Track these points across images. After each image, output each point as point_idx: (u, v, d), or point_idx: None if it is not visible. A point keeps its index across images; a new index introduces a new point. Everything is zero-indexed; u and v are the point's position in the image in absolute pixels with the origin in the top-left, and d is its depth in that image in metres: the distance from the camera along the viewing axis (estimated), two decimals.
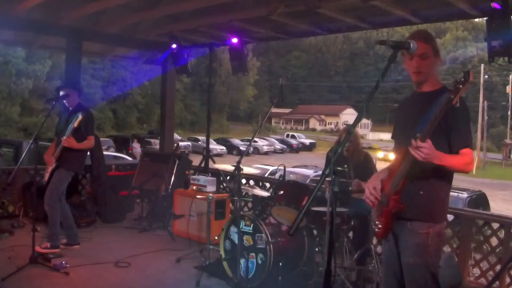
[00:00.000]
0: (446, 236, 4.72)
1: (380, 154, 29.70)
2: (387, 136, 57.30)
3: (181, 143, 21.06)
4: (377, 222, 2.66)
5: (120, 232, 6.19)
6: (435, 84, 2.58)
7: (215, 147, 33.14)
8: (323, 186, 2.98)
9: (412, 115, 2.54)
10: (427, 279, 2.49)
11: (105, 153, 8.28)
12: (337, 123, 61.23)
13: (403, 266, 2.56)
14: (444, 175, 2.50)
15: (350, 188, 4.11)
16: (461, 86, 2.16)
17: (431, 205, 2.50)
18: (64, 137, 4.79)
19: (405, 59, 2.57)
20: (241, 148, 34.40)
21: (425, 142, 2.23)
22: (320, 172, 14.75)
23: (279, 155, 37.47)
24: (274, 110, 5.21)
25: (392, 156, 2.97)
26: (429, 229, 2.48)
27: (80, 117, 4.72)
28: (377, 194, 2.59)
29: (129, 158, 17.41)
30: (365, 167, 4.53)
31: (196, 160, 7.77)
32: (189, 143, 33.55)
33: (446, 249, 4.65)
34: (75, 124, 4.72)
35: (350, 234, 4.59)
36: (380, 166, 3.51)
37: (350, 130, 2.37)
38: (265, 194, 4.73)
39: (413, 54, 2.46)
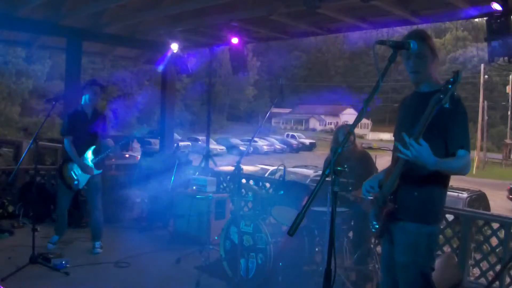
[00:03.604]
0: (446, 236, 4.73)
1: None
2: (387, 136, 57.34)
3: (181, 143, 21.05)
4: (374, 223, 2.67)
5: (120, 232, 6.19)
6: (435, 85, 2.56)
7: (215, 147, 33.13)
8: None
9: (409, 116, 2.55)
10: (417, 279, 2.50)
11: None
12: (337, 123, 61.13)
13: (396, 266, 2.58)
14: (439, 177, 2.49)
15: (350, 188, 4.10)
16: (450, 86, 2.17)
17: (424, 206, 2.51)
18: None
19: (402, 59, 2.56)
20: (241, 148, 34.39)
21: (417, 142, 2.23)
22: (320, 172, 14.74)
23: (279, 155, 37.46)
24: (274, 110, 5.22)
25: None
26: (420, 229, 2.49)
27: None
28: (373, 193, 2.62)
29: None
30: (364, 166, 4.51)
31: (196, 160, 7.77)
32: (189, 143, 33.54)
33: (447, 249, 4.66)
34: None
35: (350, 234, 4.59)
36: (381, 164, 3.50)
37: (350, 130, 2.37)
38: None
39: (411, 53, 2.45)
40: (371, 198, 2.75)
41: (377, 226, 2.64)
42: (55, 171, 5.18)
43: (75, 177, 5.05)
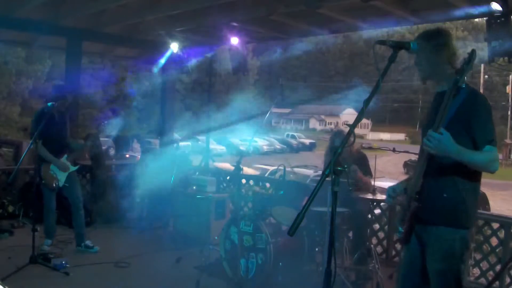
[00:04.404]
0: None
1: None
2: (387, 136, 57.39)
3: (181, 143, 21.00)
4: (399, 228, 2.55)
5: (120, 232, 6.19)
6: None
7: (215, 147, 33.12)
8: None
9: (433, 116, 2.45)
10: (452, 285, 2.42)
11: None
12: (337, 123, 61.09)
13: (430, 273, 2.47)
14: (469, 175, 2.36)
15: (350, 188, 4.10)
16: (465, 66, 2.13)
17: (456, 209, 2.38)
18: None
19: (414, 62, 2.54)
20: (241, 148, 34.36)
21: (438, 132, 2.17)
22: (320, 172, 14.73)
23: (279, 155, 37.44)
24: (274, 110, 5.21)
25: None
26: (454, 234, 2.37)
27: None
28: (396, 196, 2.55)
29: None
30: (361, 166, 4.51)
31: (196, 160, 7.77)
32: (189, 143, 33.51)
33: None
34: None
35: (350, 234, 4.59)
36: (381, 164, 3.49)
37: (350, 130, 2.36)
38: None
39: (415, 53, 2.44)
40: (395, 202, 2.66)
41: (401, 230, 2.52)
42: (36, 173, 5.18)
43: (55, 175, 5.05)
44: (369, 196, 4.24)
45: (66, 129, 5.20)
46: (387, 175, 19.61)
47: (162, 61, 7.44)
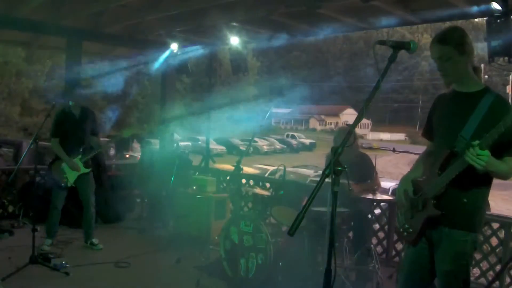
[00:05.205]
0: None
1: None
2: (387, 136, 57.38)
3: (181, 143, 21.05)
4: (406, 226, 2.54)
5: (120, 232, 6.19)
6: (476, 84, 2.47)
7: (215, 147, 33.12)
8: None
9: (455, 116, 2.44)
10: (461, 286, 2.43)
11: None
12: (337, 123, 61.17)
13: (438, 273, 2.47)
14: (487, 182, 2.42)
15: (350, 188, 4.10)
16: None
17: (473, 214, 2.42)
18: None
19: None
20: (241, 148, 34.37)
21: (484, 150, 2.14)
22: (320, 172, 14.72)
23: (279, 155, 37.44)
24: (274, 110, 5.20)
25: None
26: (467, 237, 2.40)
27: None
28: (408, 197, 2.52)
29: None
30: (360, 167, 4.48)
31: (196, 160, 7.77)
32: (189, 143, 33.52)
33: None
34: None
35: (350, 234, 4.59)
36: (381, 164, 3.48)
37: (350, 130, 2.35)
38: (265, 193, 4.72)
39: (434, 58, 2.44)
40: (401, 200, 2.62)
41: (411, 230, 2.51)
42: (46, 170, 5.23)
43: (65, 174, 5.08)
44: (370, 196, 4.24)
45: (85, 129, 5.22)
46: (387, 175, 19.62)
47: (162, 61, 7.45)
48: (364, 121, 58.04)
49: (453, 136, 2.39)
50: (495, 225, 4.61)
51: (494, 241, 4.50)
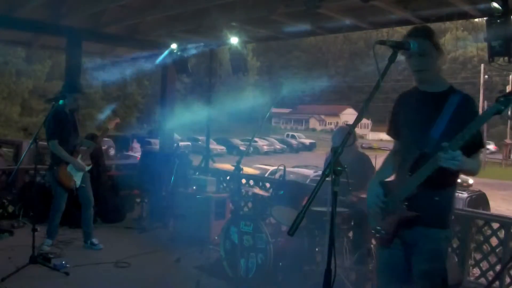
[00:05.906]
0: None
1: None
2: (387, 136, 57.33)
3: (181, 143, 21.09)
4: (378, 228, 2.54)
5: (120, 232, 6.19)
6: (443, 84, 2.48)
7: (215, 147, 33.12)
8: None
9: (422, 116, 2.44)
10: (439, 285, 2.44)
11: None
12: (337, 123, 61.14)
13: (416, 273, 2.46)
14: (456, 179, 2.48)
15: (350, 188, 4.09)
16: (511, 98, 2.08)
17: (445, 211, 2.47)
18: None
19: (405, 58, 2.46)
20: (241, 148, 34.37)
21: (455, 151, 2.16)
22: (320, 172, 14.74)
23: (279, 155, 37.44)
24: (274, 110, 5.21)
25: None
26: (441, 234, 2.44)
27: None
28: (380, 201, 2.51)
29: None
30: (359, 167, 4.46)
31: (196, 160, 7.77)
32: (189, 143, 33.53)
33: None
34: None
35: (350, 234, 4.59)
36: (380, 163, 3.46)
37: (350, 130, 2.35)
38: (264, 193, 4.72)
39: (413, 53, 2.37)
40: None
41: (383, 232, 2.51)
42: (49, 174, 5.19)
43: (74, 178, 5.07)
44: None
45: (78, 128, 5.23)
46: None
47: (162, 61, 7.44)
48: (364, 121, 58.05)
49: (421, 136, 2.39)
50: (495, 225, 4.60)
51: (494, 241, 4.50)
